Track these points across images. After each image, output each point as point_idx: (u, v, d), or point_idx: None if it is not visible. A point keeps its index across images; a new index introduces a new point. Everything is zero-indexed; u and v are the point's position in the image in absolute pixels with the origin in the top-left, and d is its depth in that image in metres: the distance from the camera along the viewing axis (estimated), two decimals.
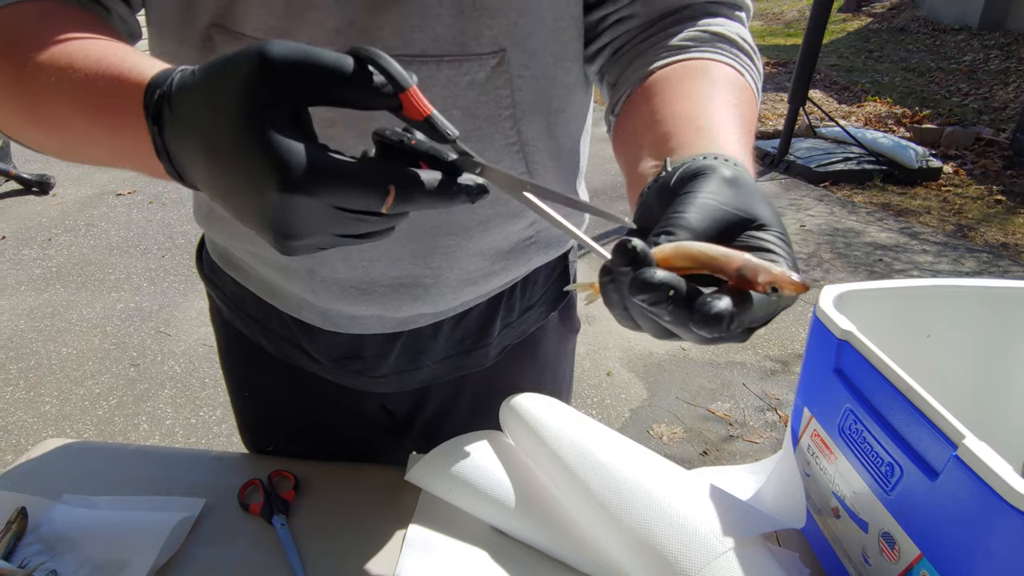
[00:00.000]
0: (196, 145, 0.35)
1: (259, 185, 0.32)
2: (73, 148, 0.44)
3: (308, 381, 0.79)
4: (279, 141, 0.32)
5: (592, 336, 2.73)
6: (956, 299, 0.70)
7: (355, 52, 0.34)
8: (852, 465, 0.59)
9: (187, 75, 0.35)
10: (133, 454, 0.81)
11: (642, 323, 0.36)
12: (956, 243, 3.63)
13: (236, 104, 0.32)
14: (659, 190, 0.40)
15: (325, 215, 0.34)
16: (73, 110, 0.40)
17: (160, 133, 0.36)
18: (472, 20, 0.54)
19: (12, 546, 0.64)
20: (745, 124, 0.50)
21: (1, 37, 0.42)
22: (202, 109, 0.34)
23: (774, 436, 2.20)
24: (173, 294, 3.07)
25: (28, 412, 2.30)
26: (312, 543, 0.68)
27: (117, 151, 0.41)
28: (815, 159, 4.57)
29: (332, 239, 0.37)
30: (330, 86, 0.33)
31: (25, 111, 0.43)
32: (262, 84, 0.32)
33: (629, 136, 0.53)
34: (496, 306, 0.76)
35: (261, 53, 0.32)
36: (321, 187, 0.32)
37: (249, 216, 0.35)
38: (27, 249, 3.49)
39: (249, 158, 0.32)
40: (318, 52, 0.33)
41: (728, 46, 0.56)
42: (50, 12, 0.44)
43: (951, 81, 6.65)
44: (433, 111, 0.36)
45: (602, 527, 0.61)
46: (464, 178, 0.36)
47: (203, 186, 0.36)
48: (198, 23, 0.54)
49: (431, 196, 0.35)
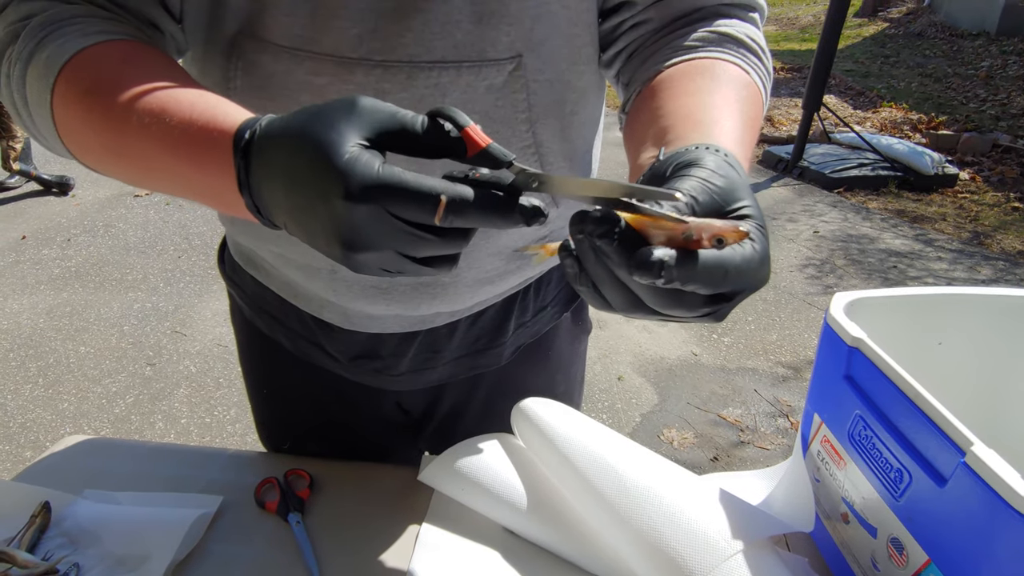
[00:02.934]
0: (277, 175, 0.38)
1: (327, 195, 0.35)
2: (151, 179, 0.47)
3: (325, 380, 0.81)
4: (350, 155, 0.35)
5: (603, 341, 2.73)
6: (968, 307, 0.70)
7: (432, 112, 0.38)
8: (861, 471, 0.59)
9: (276, 118, 0.39)
10: (152, 451, 0.82)
11: (601, 286, 0.37)
12: (972, 250, 3.60)
13: (319, 131, 0.36)
14: (651, 178, 0.42)
15: (386, 227, 0.36)
16: (162, 149, 0.43)
17: (246, 168, 0.39)
18: (490, 27, 0.55)
19: (36, 539, 0.66)
20: (746, 119, 0.51)
21: (88, 76, 0.45)
22: (288, 142, 0.37)
23: (785, 442, 2.19)
24: (189, 294, 3.11)
25: (47, 409, 2.34)
26: (327, 541, 0.69)
27: (200, 187, 0.44)
28: (829, 165, 4.55)
29: (396, 259, 0.38)
30: (401, 134, 0.37)
31: (110, 144, 0.46)
32: (344, 117, 0.36)
33: (635, 131, 0.55)
34: (511, 306, 0.77)
35: (352, 98, 0.37)
36: (380, 194, 0.35)
37: (318, 231, 0.37)
38: (47, 249, 3.55)
39: (324, 172, 0.35)
40: (398, 109, 0.38)
41: (735, 46, 0.57)
42: (131, 54, 0.47)
43: (968, 87, 6.59)
44: (491, 142, 0.38)
45: (611, 529, 0.61)
46: (522, 199, 0.37)
47: (279, 212, 0.39)
48: (226, 30, 0.55)
49: (484, 212, 0.36)
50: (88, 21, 0.48)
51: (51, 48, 0.46)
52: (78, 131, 0.47)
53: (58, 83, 0.45)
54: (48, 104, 0.46)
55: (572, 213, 0.35)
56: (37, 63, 0.46)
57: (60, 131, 0.48)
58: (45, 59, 0.46)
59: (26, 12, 0.48)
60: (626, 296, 0.36)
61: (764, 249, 0.36)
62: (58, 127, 0.47)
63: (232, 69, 0.56)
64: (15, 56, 0.47)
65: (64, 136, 0.48)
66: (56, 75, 0.45)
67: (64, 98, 0.46)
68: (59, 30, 0.47)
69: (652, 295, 0.35)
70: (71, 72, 0.45)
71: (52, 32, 0.47)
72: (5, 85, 0.49)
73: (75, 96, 0.45)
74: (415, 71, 0.55)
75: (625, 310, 0.37)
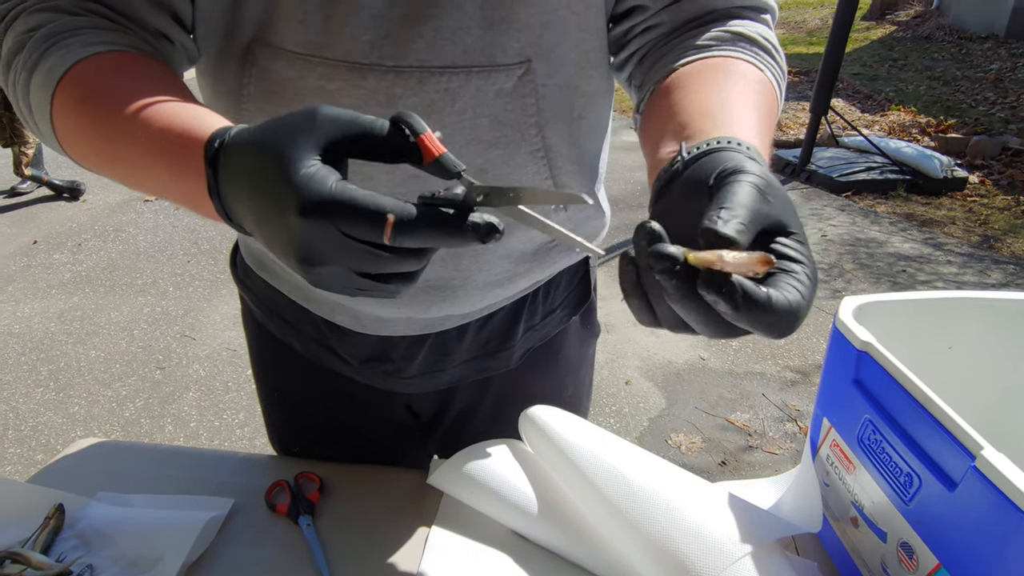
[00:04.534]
0: (242, 183, 0.39)
1: (284, 209, 0.35)
2: (139, 183, 0.49)
3: (336, 383, 0.81)
4: (306, 171, 0.35)
5: (611, 345, 2.73)
6: (978, 311, 0.70)
7: (394, 118, 0.38)
8: (871, 475, 0.59)
9: (244, 128, 0.40)
10: (163, 454, 0.83)
11: (658, 308, 0.38)
12: (982, 254, 3.58)
13: (279, 143, 0.36)
14: (685, 182, 0.42)
15: (339, 244, 0.36)
16: (145, 155, 0.45)
17: (215, 176, 0.40)
18: (500, 33, 0.56)
19: (50, 541, 0.66)
20: (762, 114, 0.51)
21: (83, 85, 0.47)
22: (251, 152, 0.38)
23: (794, 447, 2.18)
24: (198, 299, 3.13)
25: (58, 413, 2.35)
26: (337, 543, 0.69)
27: (177, 191, 0.45)
28: (837, 168, 4.53)
29: (351, 276, 0.38)
30: (363, 140, 0.37)
31: (103, 150, 0.48)
32: (304, 129, 0.36)
33: (651, 128, 0.55)
34: (520, 309, 0.78)
35: (312, 109, 0.37)
36: (330, 210, 0.35)
37: (277, 243, 0.38)
38: (58, 253, 3.58)
39: (280, 186, 0.35)
40: (359, 115, 0.38)
41: (748, 44, 0.58)
42: (126, 64, 0.48)
43: (977, 90, 6.55)
44: (445, 152, 0.38)
45: (619, 532, 0.62)
46: (474, 216, 0.37)
47: (244, 219, 0.40)
48: (241, 38, 0.56)
49: (433, 231, 0.36)
50: (91, 32, 0.49)
51: (53, 59, 0.47)
52: (75, 138, 0.49)
53: (57, 93, 0.47)
54: (48, 113, 0.48)
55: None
56: (39, 73, 0.48)
57: (60, 138, 0.49)
58: (47, 70, 0.47)
59: (34, 23, 0.49)
60: (677, 318, 0.37)
61: (811, 292, 0.36)
62: (58, 134, 0.49)
63: (246, 76, 0.57)
64: (20, 66, 0.49)
65: (63, 143, 0.50)
66: (55, 85, 0.47)
67: (62, 107, 0.47)
68: (62, 41, 0.48)
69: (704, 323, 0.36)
70: (68, 82, 0.47)
71: (55, 43, 0.48)
72: (12, 94, 0.51)
73: (71, 105, 0.47)
74: (426, 76, 0.56)
75: (673, 328, 0.38)
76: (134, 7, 0.52)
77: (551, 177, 0.65)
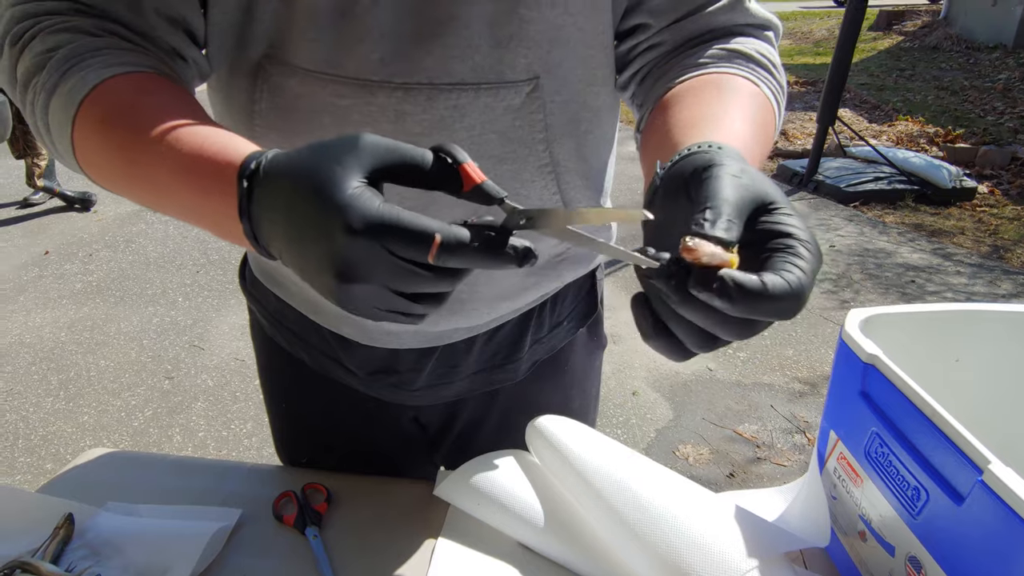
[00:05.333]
0: (278, 203, 0.39)
1: (327, 228, 0.36)
2: (159, 203, 0.49)
3: (344, 394, 0.82)
4: (353, 191, 0.36)
5: (618, 356, 2.72)
6: (987, 323, 0.69)
7: (434, 148, 0.39)
8: (878, 488, 0.59)
9: (282, 151, 0.41)
10: (172, 464, 0.83)
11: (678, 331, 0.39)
12: (992, 265, 3.56)
13: (326, 165, 0.37)
14: (664, 194, 0.43)
15: (381, 262, 0.37)
16: (170, 174, 0.45)
17: (248, 196, 0.40)
18: (508, 50, 0.57)
19: (60, 551, 0.67)
20: (755, 124, 0.52)
21: (105, 106, 0.47)
22: (293, 173, 0.39)
23: (802, 459, 2.17)
24: (207, 309, 3.15)
25: (67, 422, 2.37)
26: (344, 554, 0.69)
27: (202, 212, 0.45)
28: (845, 179, 4.52)
29: (385, 295, 0.39)
30: (407, 167, 0.39)
31: (123, 170, 0.48)
32: (348, 153, 0.38)
33: (648, 148, 0.56)
34: (527, 322, 0.78)
35: (356, 135, 0.38)
36: (379, 229, 0.36)
37: (311, 260, 0.38)
38: (69, 264, 3.61)
39: (325, 204, 0.36)
40: (401, 143, 0.39)
41: (745, 61, 0.58)
42: (147, 86, 0.49)
43: (986, 100, 6.54)
44: (486, 179, 0.39)
45: (626, 544, 0.62)
46: (513, 240, 0.38)
47: (275, 240, 0.40)
48: (252, 54, 0.57)
49: (477, 253, 0.37)
50: (111, 53, 0.50)
51: (73, 80, 0.48)
52: (94, 157, 0.49)
53: (79, 114, 0.47)
54: (69, 135, 0.48)
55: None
56: (60, 94, 0.48)
57: (79, 157, 0.50)
58: (67, 91, 0.48)
59: (52, 44, 0.49)
60: (700, 333, 0.38)
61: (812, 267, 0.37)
62: (77, 154, 0.49)
63: (257, 91, 0.58)
64: (39, 86, 0.49)
65: (82, 162, 0.50)
66: (77, 108, 0.47)
67: (83, 128, 0.48)
68: (82, 62, 0.48)
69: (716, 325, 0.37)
70: (90, 103, 0.47)
71: (75, 64, 0.48)
72: (30, 113, 0.51)
73: (92, 125, 0.47)
74: (435, 93, 0.56)
75: (701, 346, 0.39)
76: (151, 25, 0.53)
77: (559, 192, 0.66)
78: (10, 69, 0.51)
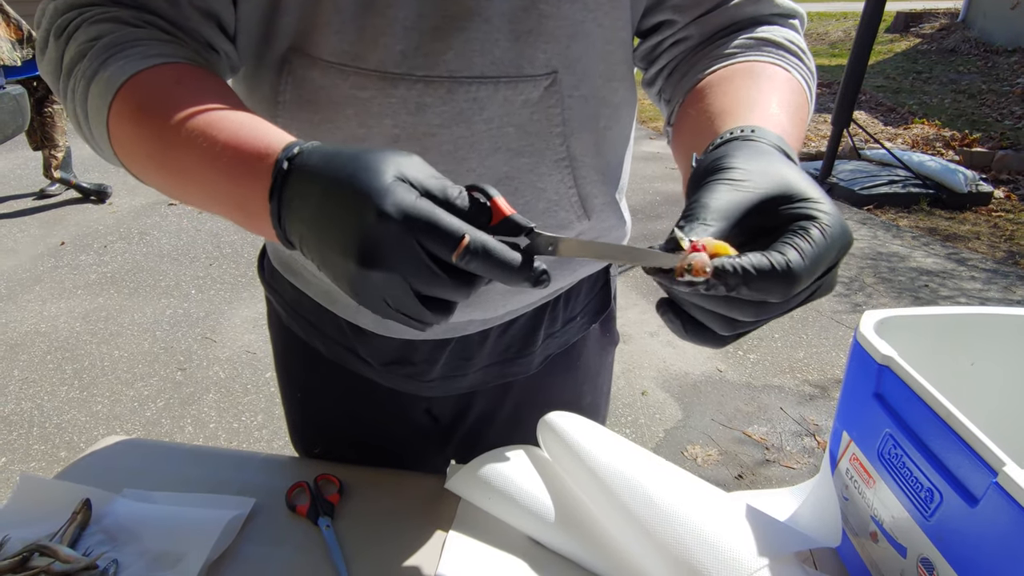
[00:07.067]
0: (314, 188, 0.40)
1: (362, 208, 0.37)
2: (184, 189, 0.50)
3: (358, 385, 0.83)
4: (393, 181, 0.38)
5: (627, 355, 2.72)
6: (1002, 328, 0.69)
7: (468, 187, 0.41)
8: (891, 490, 0.59)
9: (328, 144, 0.42)
10: (187, 453, 0.85)
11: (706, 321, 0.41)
12: (1007, 270, 3.52)
13: (372, 156, 0.39)
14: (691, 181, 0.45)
15: (407, 251, 0.38)
16: (201, 160, 0.46)
17: (284, 178, 0.41)
18: (528, 45, 0.57)
19: (77, 535, 0.68)
20: (791, 107, 0.53)
21: (142, 94, 0.48)
22: (337, 159, 0.40)
23: (812, 462, 2.16)
24: (219, 301, 3.17)
25: (81, 411, 2.40)
26: (356, 545, 0.70)
27: (227, 196, 0.46)
28: (859, 182, 4.49)
29: (402, 288, 0.40)
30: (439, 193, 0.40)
31: (155, 155, 0.49)
32: (400, 156, 0.40)
33: (681, 140, 0.57)
34: (540, 316, 0.79)
35: (408, 152, 0.41)
36: (412, 218, 0.37)
37: (337, 242, 0.39)
38: (84, 255, 3.65)
39: (364, 188, 0.38)
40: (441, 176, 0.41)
41: (774, 48, 0.59)
42: (183, 76, 0.50)
43: (1003, 104, 6.47)
44: (514, 212, 0.41)
45: (636, 542, 0.62)
46: (536, 262, 0.40)
47: (300, 221, 0.41)
48: (278, 47, 0.58)
49: (496, 264, 0.39)
50: (149, 44, 0.51)
51: (112, 69, 0.49)
52: (128, 143, 0.50)
53: (115, 101, 0.48)
54: (105, 121, 0.49)
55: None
56: (99, 82, 0.49)
57: (114, 143, 0.51)
58: (106, 79, 0.49)
59: (95, 33, 0.51)
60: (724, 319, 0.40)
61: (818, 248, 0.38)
62: (112, 140, 0.51)
63: (282, 83, 0.59)
64: (80, 74, 0.51)
65: (116, 148, 0.51)
66: (114, 94, 0.48)
67: (119, 114, 0.49)
68: (121, 52, 0.50)
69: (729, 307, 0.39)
70: (127, 91, 0.48)
71: (115, 54, 0.50)
72: (70, 100, 0.52)
73: (128, 112, 0.48)
74: (455, 86, 0.57)
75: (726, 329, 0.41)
76: (186, 16, 0.54)
77: (575, 186, 0.66)
78: (56, 60, 0.53)
